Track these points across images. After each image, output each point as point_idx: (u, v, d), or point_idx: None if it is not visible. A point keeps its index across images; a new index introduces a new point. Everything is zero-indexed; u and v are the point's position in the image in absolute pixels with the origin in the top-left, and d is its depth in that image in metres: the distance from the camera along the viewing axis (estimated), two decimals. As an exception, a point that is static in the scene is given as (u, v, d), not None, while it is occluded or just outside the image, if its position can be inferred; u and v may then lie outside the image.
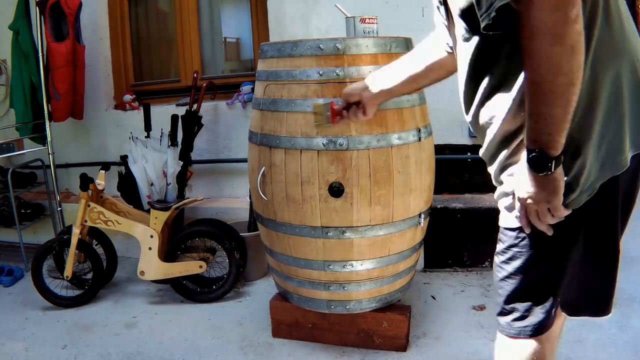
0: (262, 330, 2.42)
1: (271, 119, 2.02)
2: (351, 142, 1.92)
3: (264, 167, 2.05)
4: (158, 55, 3.88)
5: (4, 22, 3.30)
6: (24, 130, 3.35)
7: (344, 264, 2.04)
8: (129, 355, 2.30)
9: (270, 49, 2.03)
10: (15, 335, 2.52)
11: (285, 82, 1.97)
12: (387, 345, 2.21)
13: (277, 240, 2.14)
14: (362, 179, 1.94)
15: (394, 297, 2.22)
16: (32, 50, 3.18)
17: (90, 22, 3.40)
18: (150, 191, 3.02)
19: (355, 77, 1.91)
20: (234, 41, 3.82)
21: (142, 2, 3.77)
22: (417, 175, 2.03)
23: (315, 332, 2.29)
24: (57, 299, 2.78)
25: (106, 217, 2.72)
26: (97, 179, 2.73)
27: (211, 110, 3.34)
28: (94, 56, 3.46)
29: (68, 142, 3.65)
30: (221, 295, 2.75)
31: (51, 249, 2.81)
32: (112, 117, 3.58)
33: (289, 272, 2.18)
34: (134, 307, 2.76)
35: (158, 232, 2.69)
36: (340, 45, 1.91)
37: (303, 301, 2.20)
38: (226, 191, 3.45)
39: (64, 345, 2.41)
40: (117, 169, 3.17)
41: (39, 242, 3.16)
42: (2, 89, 3.75)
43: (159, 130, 3.14)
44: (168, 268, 2.69)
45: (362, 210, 1.97)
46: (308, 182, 1.96)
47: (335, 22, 2.62)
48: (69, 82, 3.15)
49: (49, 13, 2.98)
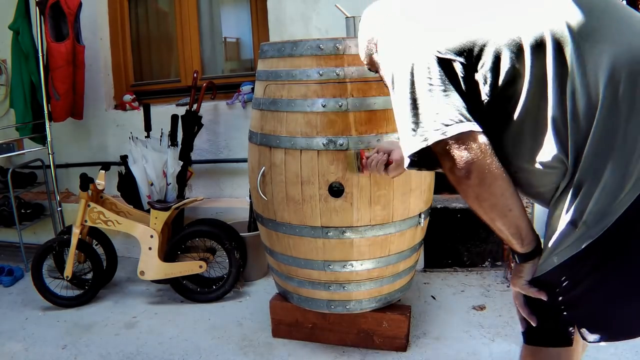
0: (262, 330, 2.42)
1: (271, 119, 2.02)
2: (351, 142, 1.92)
3: (264, 167, 2.05)
4: (158, 55, 3.88)
5: (4, 22, 3.30)
6: (24, 130, 3.35)
7: (344, 264, 2.04)
8: (129, 355, 2.30)
9: (270, 49, 2.03)
10: (15, 335, 2.52)
11: (285, 82, 1.97)
12: (387, 345, 2.21)
13: (277, 240, 2.14)
14: (362, 179, 1.94)
15: (394, 297, 2.22)
16: (32, 50, 3.18)
17: (90, 22, 3.40)
18: (150, 191, 3.02)
19: (355, 77, 1.91)
20: (234, 41, 3.82)
21: (142, 2, 3.76)
22: (417, 175, 2.03)
23: (315, 332, 2.29)
24: (57, 299, 2.78)
25: (106, 217, 2.72)
26: (97, 179, 2.73)
27: (211, 110, 3.34)
28: (94, 56, 3.46)
29: (68, 142, 3.65)
30: (221, 295, 2.75)
31: (51, 249, 2.81)
32: (112, 117, 3.58)
33: (289, 272, 2.18)
34: (134, 307, 2.76)
35: (158, 232, 2.69)
36: (340, 45, 1.91)
37: (303, 301, 2.20)
38: (226, 191, 3.45)
39: (64, 345, 2.41)
40: (117, 169, 3.17)
41: (39, 242, 3.16)
42: (2, 89, 3.75)
43: (159, 130, 3.14)
44: (168, 268, 2.69)
45: (362, 210, 1.97)
46: (308, 182, 1.96)
47: (335, 22, 2.62)
48: (69, 82, 3.14)
49: (48, 13, 2.98)
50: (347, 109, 1.91)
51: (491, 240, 2.92)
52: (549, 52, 0.98)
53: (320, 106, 1.91)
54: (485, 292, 2.70)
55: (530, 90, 1.00)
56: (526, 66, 0.99)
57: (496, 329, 2.33)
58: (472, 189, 1.03)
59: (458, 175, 1.02)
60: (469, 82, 1.04)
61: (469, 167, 1.01)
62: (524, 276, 1.12)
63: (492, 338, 2.27)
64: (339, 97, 1.90)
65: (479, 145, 1.00)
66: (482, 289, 2.74)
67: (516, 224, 1.06)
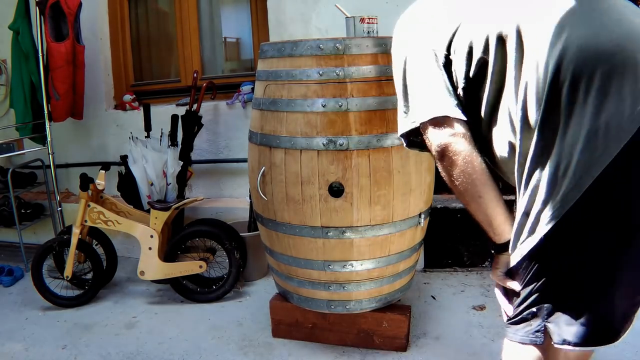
0: (262, 330, 2.42)
1: (271, 119, 2.02)
2: (351, 142, 1.92)
3: (264, 167, 2.05)
4: (158, 55, 3.88)
5: (4, 22, 3.30)
6: (24, 130, 3.35)
7: (344, 264, 2.04)
8: (129, 355, 2.30)
9: (270, 49, 2.03)
10: (15, 335, 2.52)
11: (285, 82, 1.97)
12: (387, 345, 2.21)
13: (277, 240, 2.14)
14: (362, 179, 1.94)
15: (394, 297, 2.22)
16: (32, 50, 3.18)
17: (90, 22, 3.40)
18: (150, 191, 3.02)
19: (355, 77, 1.91)
20: (234, 41, 3.82)
21: (142, 2, 3.76)
22: (417, 175, 2.03)
23: (315, 332, 2.29)
24: (57, 299, 2.78)
25: (106, 217, 2.72)
26: (97, 179, 2.73)
27: (211, 110, 3.34)
28: (94, 56, 3.46)
29: (68, 142, 3.65)
30: (221, 295, 2.75)
31: (51, 249, 2.81)
32: (112, 117, 3.58)
33: (289, 272, 2.18)
34: (134, 307, 2.76)
35: (158, 232, 2.69)
36: (340, 45, 1.91)
37: (303, 301, 2.20)
38: (226, 191, 3.45)
39: (64, 345, 2.41)
40: (117, 169, 3.17)
41: (39, 242, 3.16)
42: (2, 89, 3.75)
43: (159, 130, 3.14)
44: (168, 268, 2.69)
45: (362, 210, 1.97)
46: (308, 182, 1.96)
47: (335, 22, 2.62)
48: (69, 82, 3.14)
49: (48, 13, 2.98)
50: (347, 109, 1.91)
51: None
52: (510, 45, 1.05)
53: (320, 106, 1.91)
54: (485, 292, 2.71)
55: (492, 81, 1.09)
56: (490, 57, 1.08)
57: (496, 329, 2.33)
58: (445, 171, 1.14)
59: (435, 156, 1.15)
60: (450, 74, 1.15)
61: (442, 150, 1.12)
62: (500, 267, 1.17)
63: (492, 338, 2.27)
64: (339, 97, 1.90)
65: (452, 131, 1.11)
66: (482, 289, 2.74)
67: (487, 212, 1.13)
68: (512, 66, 1.05)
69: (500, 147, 1.11)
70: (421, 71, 1.16)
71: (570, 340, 1.03)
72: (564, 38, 0.98)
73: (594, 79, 0.95)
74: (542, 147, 1.00)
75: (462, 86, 1.13)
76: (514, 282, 1.13)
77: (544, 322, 1.07)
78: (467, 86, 1.12)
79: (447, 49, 1.13)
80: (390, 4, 2.95)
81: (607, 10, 1.02)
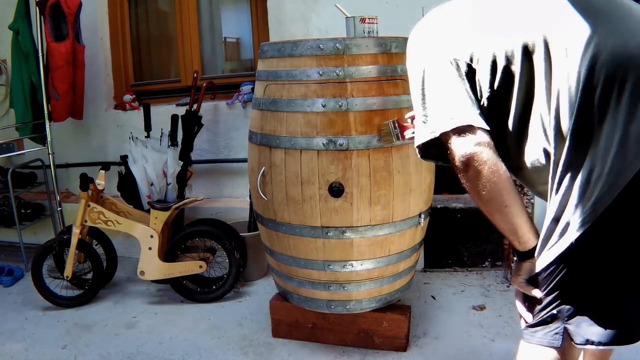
0: (262, 330, 2.42)
1: (271, 119, 2.02)
2: (351, 142, 1.92)
3: (264, 167, 2.05)
4: (158, 55, 3.88)
5: (4, 22, 3.30)
6: (24, 130, 3.35)
7: (344, 264, 2.04)
8: (129, 355, 2.30)
9: (270, 49, 2.03)
10: (15, 335, 2.52)
11: (285, 82, 1.97)
12: (387, 345, 2.21)
13: (277, 240, 2.14)
14: (362, 179, 1.94)
15: (394, 297, 2.22)
16: (32, 50, 3.18)
17: (90, 22, 3.40)
18: (150, 191, 3.02)
19: (355, 77, 1.91)
20: (234, 41, 3.82)
21: (142, 2, 3.76)
22: (417, 175, 2.03)
23: (315, 332, 2.29)
24: (57, 299, 2.78)
25: (106, 217, 2.72)
26: (97, 179, 2.73)
27: (211, 110, 3.34)
28: (94, 56, 3.46)
29: (68, 142, 3.64)
30: (221, 295, 2.75)
31: (51, 249, 2.81)
32: (112, 117, 3.58)
33: (289, 272, 2.18)
34: (134, 307, 2.76)
35: (158, 232, 2.69)
36: (340, 45, 1.91)
37: (303, 301, 2.20)
38: (226, 191, 3.45)
39: (64, 345, 2.41)
40: (117, 169, 3.17)
41: (39, 242, 3.16)
42: (2, 89, 3.75)
43: (159, 130, 3.14)
44: (168, 268, 2.69)
45: (362, 210, 1.96)
46: (308, 182, 1.96)
47: (335, 22, 2.61)
48: (69, 82, 3.14)
49: (48, 13, 2.98)
50: (347, 109, 1.91)
51: (491, 240, 2.92)
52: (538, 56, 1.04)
53: (320, 106, 1.91)
54: (485, 292, 2.71)
55: (520, 91, 1.07)
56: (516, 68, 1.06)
57: (496, 329, 2.33)
58: (470, 182, 1.11)
59: (458, 167, 1.11)
60: (472, 84, 1.12)
61: (466, 160, 1.09)
62: (522, 274, 1.15)
63: (492, 338, 2.27)
64: (339, 97, 1.91)
65: (477, 140, 1.08)
66: (482, 289, 2.74)
67: (512, 221, 1.11)
68: (541, 76, 1.04)
69: (534, 155, 1.09)
70: (442, 81, 1.13)
71: (594, 340, 1.04)
72: (593, 45, 0.98)
73: (626, 83, 0.96)
74: (574, 153, 1.00)
75: (487, 95, 1.11)
76: (537, 290, 1.13)
77: (564, 324, 1.08)
78: (491, 95, 1.11)
79: (469, 58, 1.12)
80: (390, 4, 2.95)
81: (628, 16, 1.03)
